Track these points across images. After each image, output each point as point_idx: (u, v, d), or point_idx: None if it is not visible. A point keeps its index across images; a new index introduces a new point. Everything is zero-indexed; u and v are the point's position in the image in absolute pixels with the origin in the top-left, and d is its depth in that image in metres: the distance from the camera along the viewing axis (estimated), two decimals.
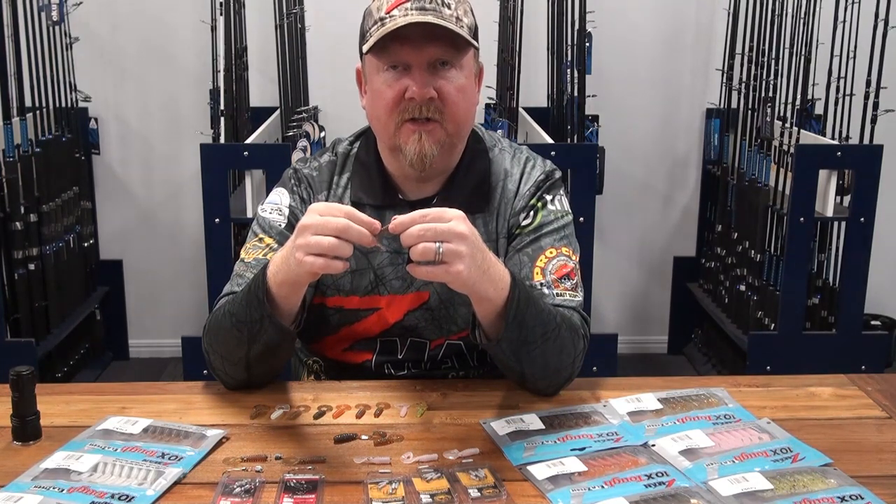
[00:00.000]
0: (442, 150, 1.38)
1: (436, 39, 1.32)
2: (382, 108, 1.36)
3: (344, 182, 1.48)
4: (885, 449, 1.25)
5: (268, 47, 3.26)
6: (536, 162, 1.50)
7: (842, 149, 2.84)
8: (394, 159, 1.43)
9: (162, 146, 3.53)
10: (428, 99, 1.33)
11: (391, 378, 1.49)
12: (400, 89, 1.34)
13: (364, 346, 1.48)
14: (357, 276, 1.45)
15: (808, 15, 3.02)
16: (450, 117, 1.36)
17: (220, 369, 1.38)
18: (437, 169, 1.41)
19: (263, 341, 1.29)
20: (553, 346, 1.31)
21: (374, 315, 1.46)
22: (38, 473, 1.14)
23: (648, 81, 3.55)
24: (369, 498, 1.09)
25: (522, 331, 1.26)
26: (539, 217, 1.45)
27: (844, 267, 2.97)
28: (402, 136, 1.36)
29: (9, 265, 2.91)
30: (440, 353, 1.48)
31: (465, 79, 1.37)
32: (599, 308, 3.66)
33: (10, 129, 2.84)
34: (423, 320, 1.45)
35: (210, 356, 1.39)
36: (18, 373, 1.22)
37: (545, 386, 1.38)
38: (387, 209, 1.44)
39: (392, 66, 1.34)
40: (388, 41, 1.32)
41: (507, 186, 1.47)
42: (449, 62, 1.35)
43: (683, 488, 1.11)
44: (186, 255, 3.56)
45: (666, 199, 3.69)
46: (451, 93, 1.35)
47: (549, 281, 1.40)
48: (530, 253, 1.43)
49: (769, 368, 2.91)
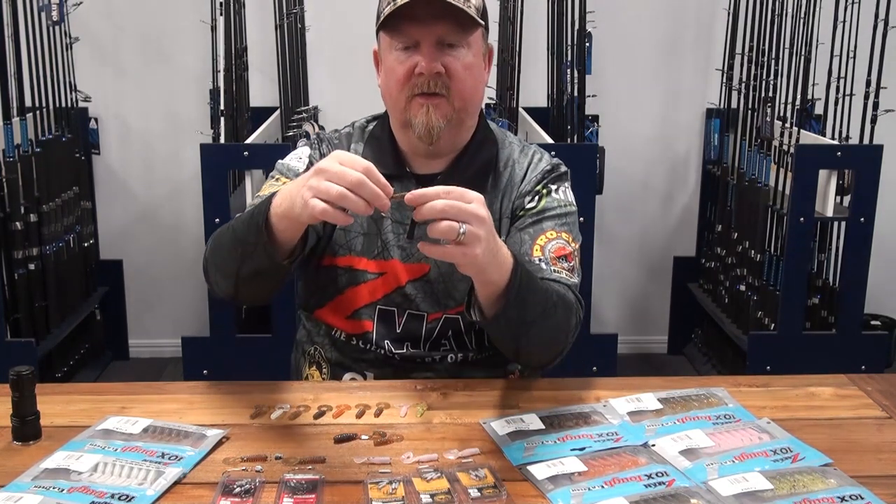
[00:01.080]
0: (449, 125, 1.43)
1: (443, 17, 1.37)
2: (394, 83, 1.42)
3: (360, 150, 1.54)
4: (885, 449, 1.25)
5: (268, 47, 3.26)
6: (544, 156, 1.56)
7: (842, 149, 2.84)
8: (404, 135, 1.49)
9: (162, 146, 3.53)
10: (435, 74, 1.39)
11: (391, 359, 1.50)
12: (410, 65, 1.40)
13: (366, 313, 1.51)
14: (368, 239, 1.50)
15: (808, 15, 3.02)
16: (457, 93, 1.42)
17: (213, 278, 1.41)
18: (445, 145, 1.47)
19: (254, 264, 1.30)
20: (549, 322, 1.34)
21: (379, 279, 1.50)
22: (38, 473, 1.14)
23: (648, 81, 3.55)
24: (369, 498, 1.09)
25: (522, 310, 1.27)
26: (543, 202, 1.49)
27: (844, 267, 2.97)
28: (412, 110, 1.42)
29: (9, 265, 2.90)
30: (437, 328, 1.50)
31: (473, 57, 1.43)
32: (599, 308, 3.66)
33: (10, 129, 2.84)
34: (421, 291, 1.49)
35: (207, 263, 1.42)
36: (18, 373, 1.22)
37: (538, 360, 1.42)
38: (394, 179, 1.46)
39: (404, 47, 1.40)
40: (398, 20, 1.38)
41: (514, 171, 1.53)
42: (456, 43, 1.40)
43: (683, 488, 1.11)
44: (186, 255, 3.56)
45: (666, 199, 3.69)
46: (458, 69, 1.40)
47: (548, 258, 1.43)
48: (531, 232, 1.46)
49: (769, 368, 2.91)
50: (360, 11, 3.50)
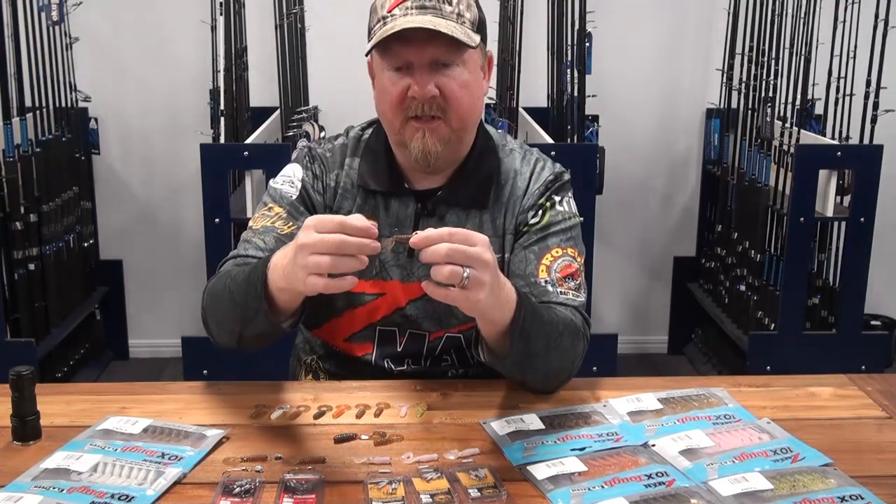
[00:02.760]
0: (447, 146, 1.39)
1: (436, 39, 1.32)
2: (387, 105, 1.38)
3: (356, 165, 1.50)
4: (885, 449, 1.25)
5: (268, 47, 3.26)
6: (546, 164, 1.52)
7: (842, 149, 2.84)
8: (401, 152, 1.45)
9: (162, 146, 3.53)
10: (430, 97, 1.34)
11: (391, 375, 1.49)
12: (403, 87, 1.35)
13: (364, 336, 1.49)
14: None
15: (808, 15, 3.02)
16: (454, 114, 1.37)
17: (215, 332, 1.39)
18: (443, 163, 1.43)
19: (256, 328, 1.29)
20: (555, 353, 1.32)
21: (378, 299, 1.47)
22: (38, 473, 1.14)
23: (648, 81, 3.55)
24: (369, 498, 1.09)
25: (527, 345, 1.26)
26: (547, 216, 1.46)
27: (844, 267, 2.97)
28: (407, 133, 1.38)
29: (9, 265, 2.90)
30: (439, 347, 1.48)
31: (470, 73, 1.38)
32: (599, 308, 3.66)
33: (10, 129, 2.83)
34: (423, 311, 1.46)
35: (206, 316, 1.40)
36: (18, 373, 1.22)
37: (544, 387, 1.39)
38: (392, 197, 1.46)
39: (395, 68, 1.36)
40: (390, 40, 1.33)
41: (516, 184, 1.48)
42: (450, 62, 1.35)
43: (683, 488, 1.11)
44: (186, 255, 3.56)
45: (666, 199, 3.69)
46: (454, 90, 1.36)
47: (554, 279, 1.41)
48: (536, 251, 1.44)
49: (769, 368, 2.91)
50: (360, 11, 3.49)
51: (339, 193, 1.48)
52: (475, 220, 1.46)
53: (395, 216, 1.46)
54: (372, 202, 1.47)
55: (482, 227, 1.45)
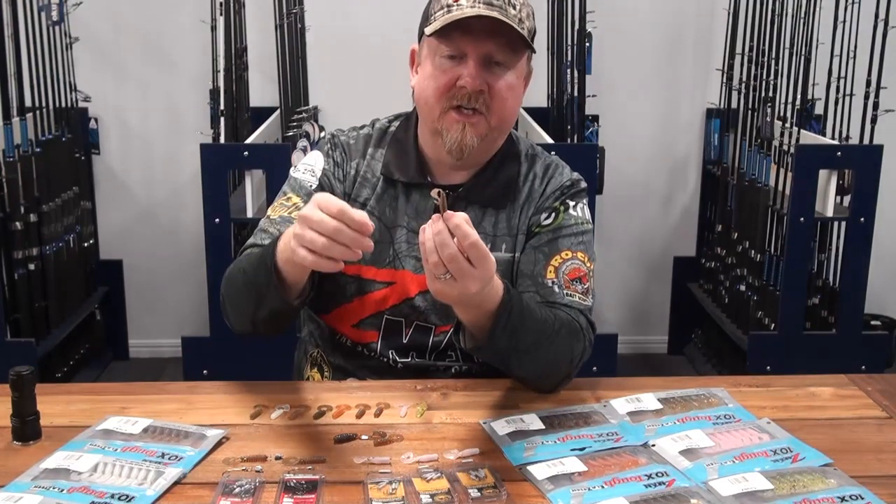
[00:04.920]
0: (482, 143, 1.41)
1: (496, 35, 1.35)
2: (432, 91, 1.39)
3: (378, 155, 1.51)
4: (885, 449, 1.25)
5: (268, 47, 3.26)
6: (564, 170, 1.54)
7: (842, 149, 2.84)
8: (433, 142, 1.45)
9: (162, 146, 3.53)
10: (478, 91, 1.37)
11: (395, 368, 1.49)
12: (453, 76, 1.37)
13: (372, 323, 1.50)
14: (378, 247, 1.46)
15: (808, 15, 3.02)
16: (496, 112, 1.40)
17: (231, 317, 1.43)
18: (472, 160, 1.45)
19: (268, 307, 1.31)
20: (545, 352, 1.33)
21: (388, 288, 1.48)
22: (38, 473, 1.14)
23: (648, 81, 3.55)
24: (369, 498, 1.09)
25: (512, 339, 1.27)
26: (560, 218, 1.48)
27: (844, 267, 2.97)
28: (445, 122, 1.40)
29: (9, 265, 2.90)
30: (444, 341, 1.49)
31: (516, 78, 1.42)
32: (599, 308, 3.65)
33: (10, 129, 2.83)
34: (431, 303, 1.47)
35: (224, 302, 1.44)
36: (18, 373, 1.22)
37: (538, 385, 1.40)
38: (414, 188, 1.48)
39: (450, 56, 1.37)
40: (450, 28, 1.35)
41: (533, 186, 1.51)
42: (503, 62, 1.38)
43: (683, 488, 1.11)
44: (186, 255, 3.55)
45: (666, 199, 3.69)
46: (502, 89, 1.39)
47: (561, 281, 1.42)
48: (546, 251, 1.45)
49: (769, 368, 2.91)
50: (360, 11, 3.52)
51: (357, 182, 1.50)
52: (491, 219, 1.48)
53: (415, 207, 1.48)
54: (392, 192, 1.49)
55: (497, 225, 1.48)
